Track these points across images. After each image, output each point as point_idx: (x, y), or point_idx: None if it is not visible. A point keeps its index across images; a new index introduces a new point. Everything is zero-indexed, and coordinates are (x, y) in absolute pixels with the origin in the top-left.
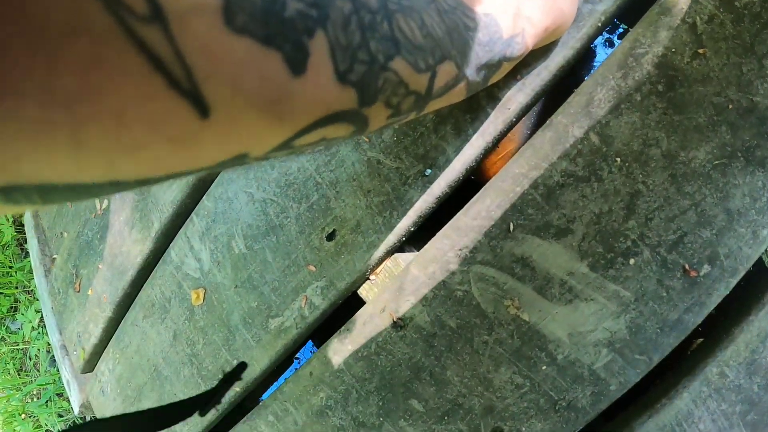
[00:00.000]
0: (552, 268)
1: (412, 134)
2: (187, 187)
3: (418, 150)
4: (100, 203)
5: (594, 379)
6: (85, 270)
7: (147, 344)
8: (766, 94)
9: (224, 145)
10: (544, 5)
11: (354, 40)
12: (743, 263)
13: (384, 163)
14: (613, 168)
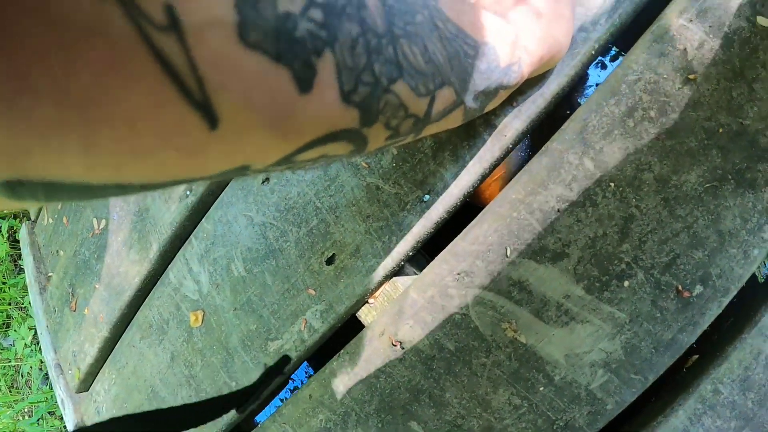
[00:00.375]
0: (548, 292)
1: (411, 160)
2: (186, 209)
3: (417, 176)
4: (98, 223)
5: (590, 399)
6: (81, 289)
7: (144, 365)
8: (756, 117)
9: (229, 156)
10: (541, 35)
11: (360, 62)
12: (735, 283)
13: (383, 189)
14: (607, 193)
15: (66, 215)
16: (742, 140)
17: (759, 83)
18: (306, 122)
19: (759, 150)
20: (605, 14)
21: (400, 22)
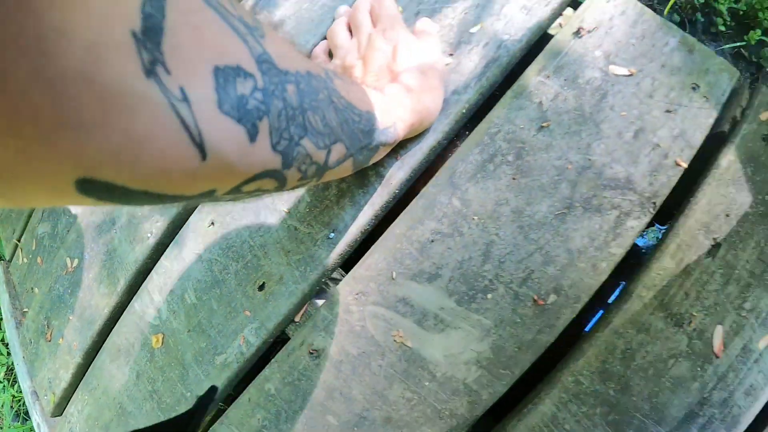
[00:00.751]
0: (426, 305)
1: (320, 206)
2: (148, 249)
3: (324, 218)
4: (71, 262)
5: (468, 391)
6: (56, 321)
7: (113, 384)
8: (603, 152)
9: (208, 180)
10: (411, 106)
11: (282, 125)
12: (585, 291)
13: (299, 229)
14: (472, 224)
15: (40, 255)
16: (589, 172)
17: (606, 123)
18: (252, 162)
19: (604, 180)
20: (475, 78)
21: (307, 99)
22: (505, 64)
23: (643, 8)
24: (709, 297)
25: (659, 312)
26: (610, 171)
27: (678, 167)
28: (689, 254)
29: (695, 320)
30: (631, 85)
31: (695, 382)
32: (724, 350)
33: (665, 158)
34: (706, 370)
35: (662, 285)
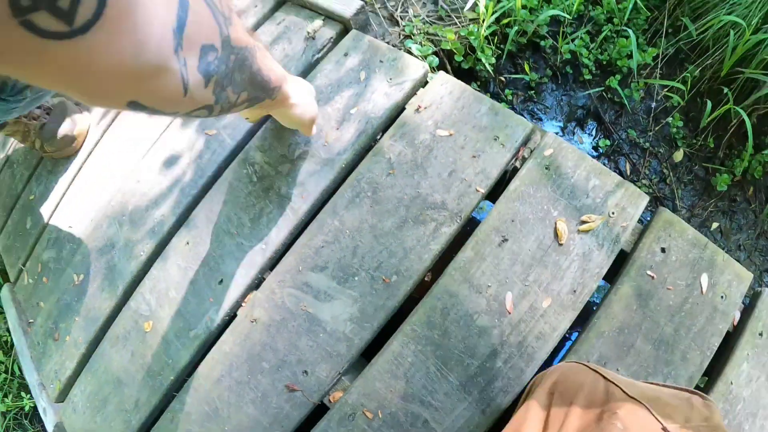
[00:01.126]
0: (320, 286)
1: (256, 228)
2: (140, 263)
3: (259, 235)
4: (77, 277)
5: (346, 338)
6: (63, 324)
7: (112, 364)
8: (427, 186)
9: (182, 106)
10: (298, 92)
11: (221, 79)
12: (416, 273)
13: (244, 244)
14: (346, 236)
15: (46, 276)
16: (418, 200)
17: (431, 168)
18: (202, 99)
19: (428, 204)
20: (351, 144)
21: (238, 64)
22: (371, 133)
23: (465, 87)
24: (500, 273)
25: (464, 284)
26: (431, 198)
27: (478, 192)
28: (484, 247)
29: (491, 289)
30: (450, 141)
31: (495, 330)
32: (515, 308)
33: (469, 187)
34: (502, 322)
35: (465, 267)
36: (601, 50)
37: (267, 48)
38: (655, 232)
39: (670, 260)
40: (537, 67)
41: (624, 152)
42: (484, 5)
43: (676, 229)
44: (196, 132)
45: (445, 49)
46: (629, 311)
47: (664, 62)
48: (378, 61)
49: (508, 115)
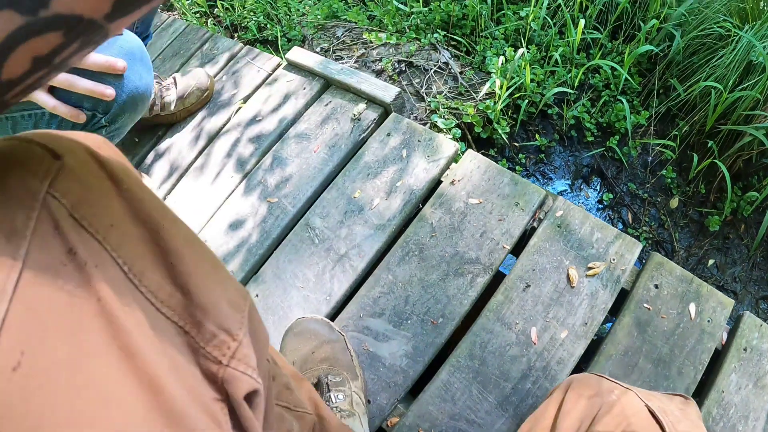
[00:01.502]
0: (378, 329)
1: (320, 282)
2: None
3: (324, 290)
4: None
5: (402, 371)
6: None
7: None
8: (463, 246)
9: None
10: None
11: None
12: (458, 316)
13: (310, 297)
14: (399, 287)
15: None
16: (457, 257)
17: (465, 230)
18: None
19: (464, 259)
20: (398, 212)
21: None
22: (415, 202)
23: (490, 162)
24: (525, 312)
25: (497, 322)
26: (468, 255)
27: (504, 249)
28: (512, 292)
29: (519, 325)
30: (480, 208)
31: (524, 358)
32: (539, 340)
33: (497, 245)
34: (529, 351)
35: (498, 308)
36: (601, 114)
37: None
38: (648, 272)
39: (662, 294)
40: (546, 132)
41: (626, 203)
42: (499, 85)
43: (666, 269)
44: (258, 199)
45: (466, 121)
46: (631, 337)
47: (657, 119)
48: (416, 141)
49: (525, 185)
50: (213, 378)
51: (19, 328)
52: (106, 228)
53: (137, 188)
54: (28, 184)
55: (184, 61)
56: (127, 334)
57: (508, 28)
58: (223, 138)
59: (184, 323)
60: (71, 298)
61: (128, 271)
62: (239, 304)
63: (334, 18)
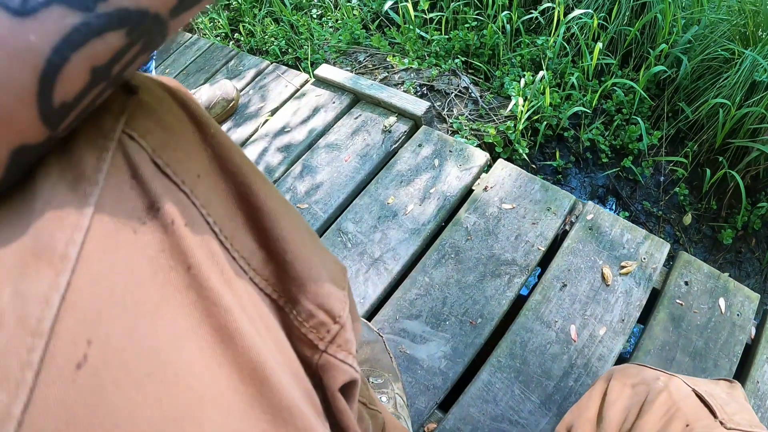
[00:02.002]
0: (415, 331)
1: (354, 284)
2: None
3: (358, 293)
4: None
5: (441, 373)
6: None
7: None
8: (499, 248)
9: None
10: None
11: None
12: (497, 316)
13: None
14: (435, 289)
15: None
16: (493, 259)
17: (500, 234)
18: None
19: (501, 261)
20: (433, 217)
21: None
22: (449, 208)
23: (521, 170)
24: (564, 311)
25: (537, 321)
26: (504, 256)
27: (539, 250)
28: (549, 291)
29: (558, 323)
30: (513, 213)
31: (564, 356)
32: (579, 337)
33: (532, 247)
34: (569, 349)
35: (536, 308)
36: (614, 137)
37: None
38: (678, 270)
39: (693, 290)
40: (562, 154)
41: (641, 221)
42: (522, 103)
43: (694, 266)
44: None
45: (487, 141)
46: (667, 332)
47: (667, 142)
48: (448, 151)
49: (555, 191)
50: (307, 364)
51: (84, 309)
52: (194, 179)
53: (223, 136)
54: (99, 121)
55: (208, 76)
56: (225, 311)
57: (524, 55)
58: (250, 147)
59: (278, 296)
60: (153, 266)
61: (219, 232)
62: (340, 280)
63: (355, 44)
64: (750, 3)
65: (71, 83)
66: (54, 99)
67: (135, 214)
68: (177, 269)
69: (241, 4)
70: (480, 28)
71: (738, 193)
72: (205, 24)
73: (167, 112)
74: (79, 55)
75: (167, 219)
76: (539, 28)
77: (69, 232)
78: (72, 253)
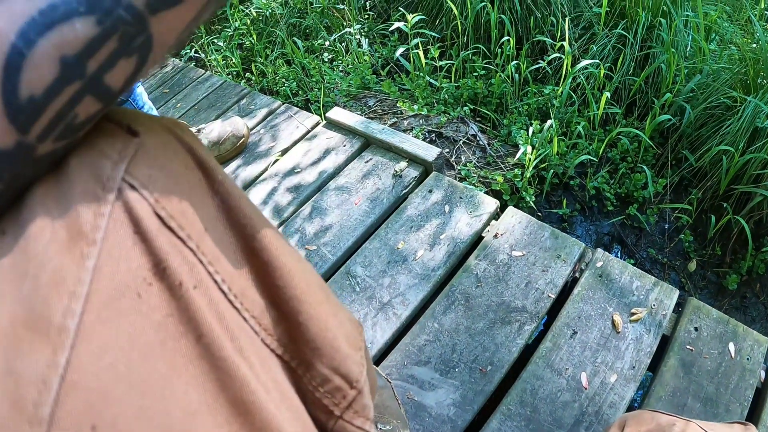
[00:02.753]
0: (424, 377)
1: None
2: None
3: (367, 337)
4: None
5: (450, 420)
6: None
7: None
8: (509, 295)
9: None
10: None
11: None
12: (506, 363)
13: None
14: (445, 335)
15: None
16: (503, 305)
17: (511, 281)
18: None
19: (511, 308)
20: (442, 263)
21: None
22: (459, 254)
23: (531, 218)
24: (574, 358)
25: (547, 369)
26: (514, 303)
27: (550, 298)
28: (560, 339)
29: (569, 371)
30: (523, 260)
31: (576, 403)
32: (590, 385)
33: (542, 294)
34: (580, 396)
35: (546, 355)
36: (619, 185)
37: None
38: (688, 315)
39: (702, 336)
40: (568, 202)
41: (646, 268)
42: (531, 150)
43: (704, 312)
44: (296, 246)
45: (494, 189)
46: (678, 378)
47: (672, 189)
48: (458, 197)
49: (565, 238)
50: (321, 428)
51: (87, 390)
52: (200, 233)
53: (231, 184)
54: (97, 169)
55: (220, 113)
56: (241, 383)
57: (532, 104)
58: (260, 186)
59: (290, 358)
60: (161, 333)
61: (228, 291)
62: (357, 341)
63: (365, 89)
64: (750, 51)
65: (38, 73)
66: (20, 90)
67: (139, 275)
68: (188, 336)
69: (254, 44)
70: (488, 76)
71: (741, 238)
72: (218, 62)
73: (172, 157)
74: (45, 40)
75: (174, 280)
76: (546, 77)
77: (66, 301)
78: (70, 326)
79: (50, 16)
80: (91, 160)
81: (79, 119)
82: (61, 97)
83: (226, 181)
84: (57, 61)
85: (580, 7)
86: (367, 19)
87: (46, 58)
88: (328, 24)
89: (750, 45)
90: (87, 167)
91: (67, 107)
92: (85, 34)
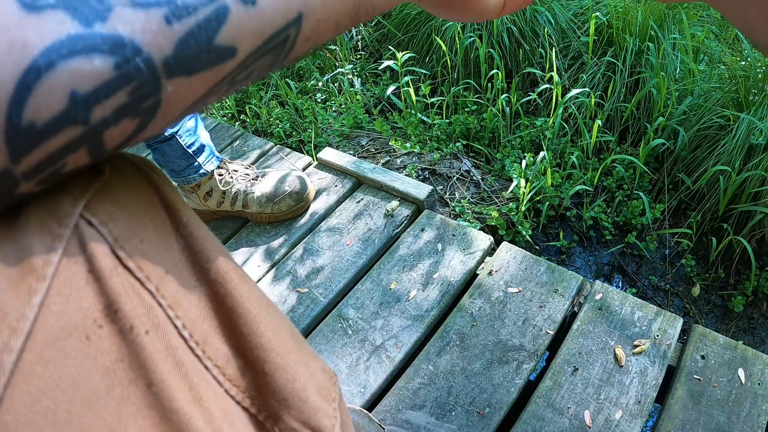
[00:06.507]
0: (419, 422)
1: (353, 376)
2: None
3: (358, 382)
4: None
5: None
6: None
7: None
8: (506, 333)
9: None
10: None
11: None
12: (505, 405)
13: (344, 389)
14: (440, 377)
15: None
16: (500, 344)
17: (507, 318)
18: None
19: (508, 347)
20: (436, 303)
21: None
22: (453, 293)
23: (526, 252)
24: (576, 396)
25: (548, 409)
26: (511, 342)
27: (548, 334)
28: (560, 376)
29: (571, 410)
30: (519, 296)
31: None
32: (594, 423)
33: (540, 331)
34: None
35: (547, 394)
36: (616, 213)
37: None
38: (693, 344)
39: (710, 364)
40: (565, 234)
41: (649, 296)
42: (524, 184)
43: (710, 339)
44: (287, 289)
45: (490, 224)
46: (686, 410)
47: (670, 214)
48: (451, 235)
49: (561, 271)
50: None
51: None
52: (161, 275)
53: (197, 225)
54: (55, 204)
55: None
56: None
57: (524, 137)
58: (251, 228)
59: (257, 411)
60: (108, 379)
61: (189, 337)
62: (329, 392)
63: (358, 128)
64: (740, 69)
65: (46, 100)
66: (24, 113)
67: (90, 315)
68: (137, 383)
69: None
70: (480, 111)
71: (744, 258)
72: (213, 104)
73: (138, 197)
74: (63, 66)
75: (125, 324)
76: (537, 109)
77: (4, 337)
78: (6, 363)
79: (75, 44)
80: (50, 196)
81: (66, 169)
82: (58, 139)
83: (190, 223)
84: (67, 93)
85: (569, 38)
86: (359, 59)
87: (59, 86)
88: (320, 65)
89: (739, 63)
90: (46, 202)
91: (61, 152)
92: (101, 74)
